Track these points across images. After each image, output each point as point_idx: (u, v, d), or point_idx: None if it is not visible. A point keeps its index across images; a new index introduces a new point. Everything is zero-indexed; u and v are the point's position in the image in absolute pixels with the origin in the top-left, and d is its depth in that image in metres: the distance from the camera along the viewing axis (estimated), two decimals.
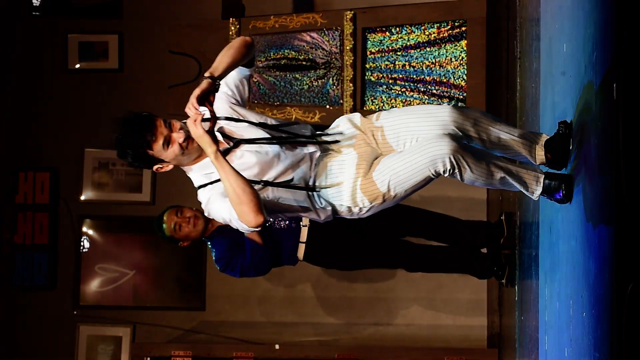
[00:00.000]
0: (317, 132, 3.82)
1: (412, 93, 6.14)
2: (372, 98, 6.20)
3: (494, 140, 3.72)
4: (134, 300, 6.97)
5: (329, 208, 3.75)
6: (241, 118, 3.73)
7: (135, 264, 6.97)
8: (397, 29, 6.17)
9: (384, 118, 3.77)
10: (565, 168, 3.80)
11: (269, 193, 3.67)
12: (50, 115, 7.05)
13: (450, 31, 6.12)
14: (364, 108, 6.16)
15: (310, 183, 3.72)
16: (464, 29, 6.09)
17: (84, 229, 7.00)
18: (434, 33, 6.13)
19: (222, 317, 6.89)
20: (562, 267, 3.84)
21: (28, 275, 6.98)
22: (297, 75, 6.26)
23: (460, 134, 3.64)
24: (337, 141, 3.77)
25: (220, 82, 3.56)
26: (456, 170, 3.56)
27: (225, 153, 3.62)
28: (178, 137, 3.60)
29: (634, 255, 2.79)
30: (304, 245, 5.52)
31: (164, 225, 5.45)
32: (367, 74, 6.21)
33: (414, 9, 6.18)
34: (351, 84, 6.15)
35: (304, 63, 6.25)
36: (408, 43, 6.16)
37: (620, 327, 2.78)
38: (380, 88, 6.18)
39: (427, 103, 6.11)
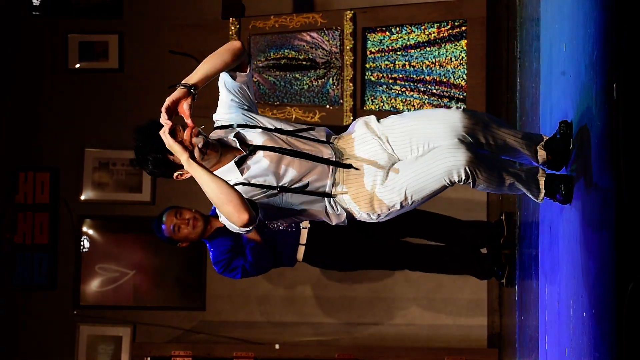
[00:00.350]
0: (334, 137, 3.82)
1: (412, 93, 6.14)
2: (372, 98, 6.20)
3: (500, 144, 3.74)
4: (134, 300, 6.96)
5: (344, 214, 3.76)
6: (255, 124, 3.74)
7: (135, 264, 6.96)
8: (397, 28, 6.17)
9: (397, 122, 3.77)
10: (566, 168, 3.80)
11: (285, 198, 3.69)
12: (50, 115, 7.04)
13: (450, 31, 6.11)
14: (364, 108, 6.15)
15: (327, 189, 3.72)
16: (464, 28, 6.09)
17: (84, 229, 6.99)
18: (434, 33, 6.13)
19: (222, 317, 6.88)
20: (562, 267, 3.84)
21: (28, 275, 6.98)
22: (297, 75, 6.26)
23: (470, 139, 3.64)
24: (352, 150, 3.78)
25: (203, 89, 3.59)
26: (470, 180, 3.58)
27: (242, 160, 3.65)
28: (197, 141, 3.61)
29: (634, 255, 2.79)
30: (303, 247, 5.51)
31: (163, 227, 5.45)
32: (367, 73, 6.20)
33: (414, 8, 6.17)
34: (351, 84, 6.15)
35: (304, 63, 6.24)
36: (408, 43, 6.15)
37: (620, 327, 2.78)
38: (380, 88, 6.18)
39: (427, 103, 6.11)
